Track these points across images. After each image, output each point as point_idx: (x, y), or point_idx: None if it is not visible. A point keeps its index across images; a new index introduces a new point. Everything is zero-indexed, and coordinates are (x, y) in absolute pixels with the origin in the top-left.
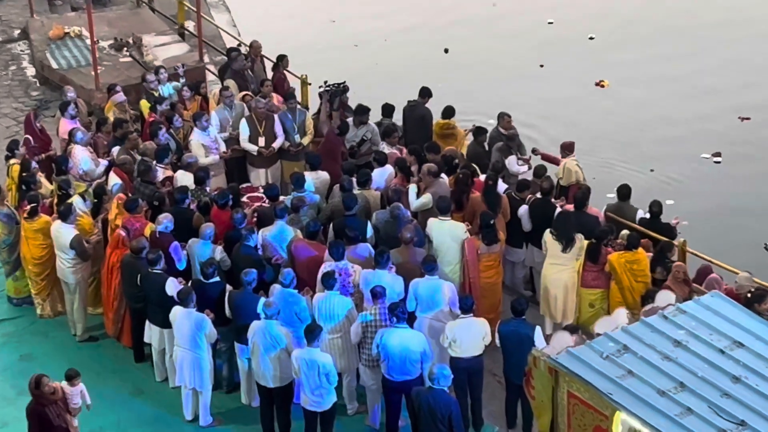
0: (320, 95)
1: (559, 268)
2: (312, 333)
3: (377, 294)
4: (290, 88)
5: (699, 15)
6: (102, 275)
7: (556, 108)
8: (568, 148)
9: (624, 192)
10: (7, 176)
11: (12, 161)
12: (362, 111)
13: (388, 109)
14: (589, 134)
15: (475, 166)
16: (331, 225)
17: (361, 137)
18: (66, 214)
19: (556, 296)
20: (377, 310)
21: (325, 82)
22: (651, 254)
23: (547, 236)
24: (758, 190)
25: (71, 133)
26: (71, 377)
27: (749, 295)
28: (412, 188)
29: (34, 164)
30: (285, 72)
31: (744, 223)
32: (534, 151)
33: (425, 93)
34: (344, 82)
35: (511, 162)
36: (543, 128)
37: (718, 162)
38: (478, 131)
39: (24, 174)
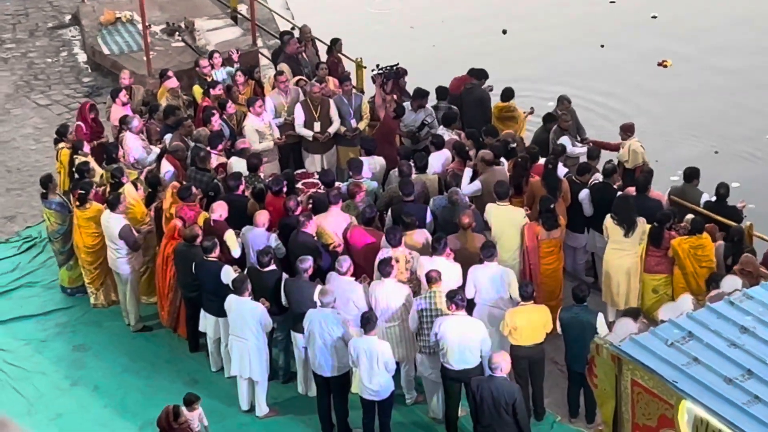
0: (373, 79)
1: (621, 253)
2: (369, 321)
3: (432, 279)
4: (345, 71)
5: None
6: (156, 266)
7: (617, 87)
8: (629, 130)
9: (690, 174)
10: (56, 160)
11: (61, 145)
12: (421, 95)
13: (442, 92)
14: (651, 115)
15: (536, 148)
16: (389, 211)
17: (422, 121)
18: (114, 203)
19: (618, 282)
20: (431, 296)
21: (377, 66)
22: (720, 242)
23: (608, 221)
24: None
25: (123, 120)
26: (191, 402)
27: None
28: (467, 172)
29: (86, 148)
30: (339, 55)
31: None
32: (584, 141)
33: (482, 75)
34: (397, 64)
35: (565, 142)
36: (606, 109)
37: None
38: (548, 118)
39: (75, 156)
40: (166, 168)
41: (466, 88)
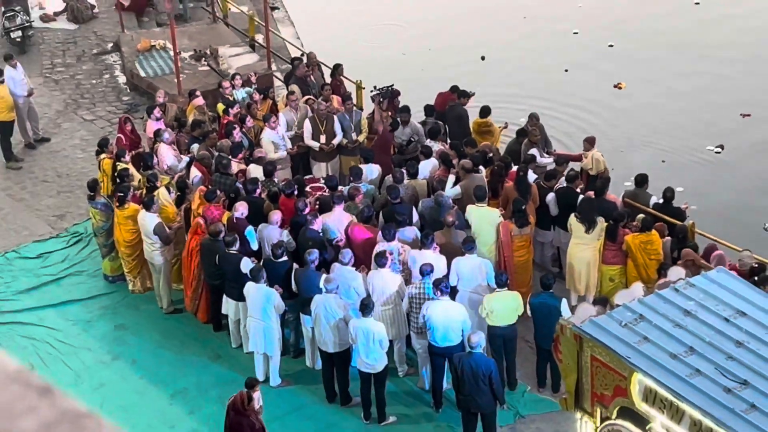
0: (372, 98)
1: (583, 247)
2: (366, 306)
3: (424, 272)
4: (346, 92)
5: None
6: (183, 258)
7: (579, 106)
8: (591, 142)
9: (640, 180)
10: (98, 170)
11: (102, 156)
12: (404, 110)
13: (429, 110)
14: (609, 130)
15: (509, 158)
16: (381, 213)
17: (409, 138)
18: (149, 204)
19: (580, 272)
20: (422, 284)
21: (375, 87)
22: (668, 238)
23: (572, 219)
24: (757, 177)
25: (157, 133)
26: (253, 385)
27: (754, 268)
28: (451, 178)
29: (127, 157)
30: (341, 78)
31: (745, 205)
32: (550, 152)
33: (461, 94)
34: (392, 85)
35: (534, 153)
36: (569, 125)
37: (719, 152)
38: (521, 132)
39: (117, 163)
40: (195, 173)
41: (449, 106)
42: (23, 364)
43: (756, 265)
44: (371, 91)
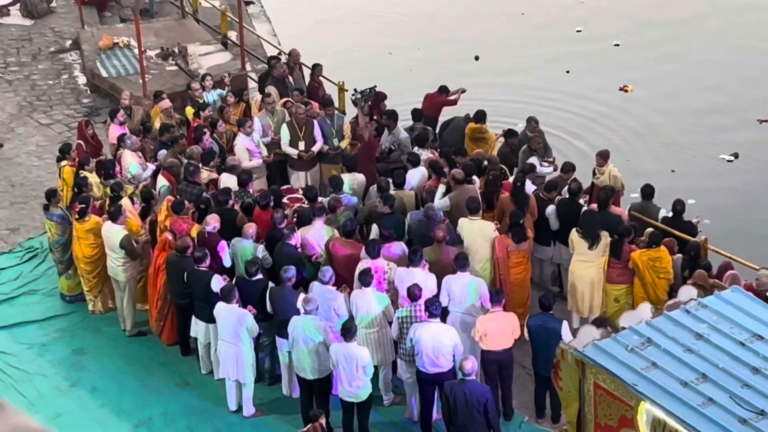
0: (354, 102)
1: (586, 264)
2: (349, 330)
3: (414, 296)
4: (325, 94)
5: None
6: (149, 274)
7: (582, 111)
8: (605, 157)
9: (647, 192)
10: (59, 178)
11: (63, 163)
12: (390, 115)
13: (416, 114)
14: (613, 136)
15: (504, 167)
16: (374, 225)
17: (389, 146)
18: (116, 215)
19: (582, 292)
20: (411, 307)
21: (356, 90)
22: (678, 255)
23: (574, 234)
24: None
25: (120, 138)
26: (317, 417)
27: None
28: (440, 189)
29: (90, 165)
30: (320, 79)
31: (763, 219)
32: (549, 162)
33: (445, 89)
34: (374, 87)
35: (534, 162)
36: (571, 131)
37: (731, 161)
38: (509, 134)
39: (80, 172)
40: (162, 182)
41: (449, 121)
42: None
43: None
44: (352, 95)
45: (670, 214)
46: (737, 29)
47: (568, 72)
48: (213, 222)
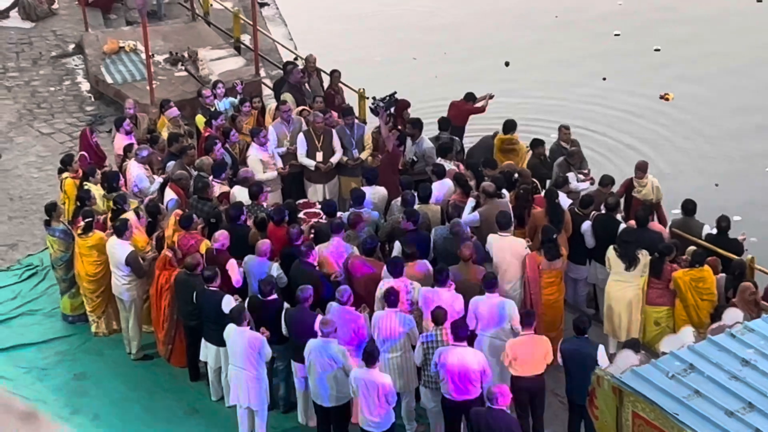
0: (375, 111)
1: (623, 285)
2: (371, 355)
3: (440, 318)
4: (343, 102)
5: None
6: (150, 296)
7: (619, 120)
8: (644, 169)
9: (689, 207)
10: (60, 190)
11: (65, 175)
12: (414, 124)
13: (443, 123)
14: (653, 149)
15: (535, 181)
16: (396, 242)
17: (412, 157)
18: (122, 229)
19: (620, 314)
20: (437, 330)
21: (374, 98)
22: (722, 274)
23: (611, 253)
24: None
25: (127, 149)
26: None
27: None
28: (470, 203)
29: (96, 176)
30: (339, 86)
31: None
32: (585, 176)
33: (471, 97)
34: (394, 93)
35: (571, 179)
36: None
37: None
38: (535, 143)
39: (85, 183)
40: (170, 196)
41: (482, 139)
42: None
43: None
44: (372, 103)
45: (715, 231)
46: None
47: (604, 79)
48: (222, 239)
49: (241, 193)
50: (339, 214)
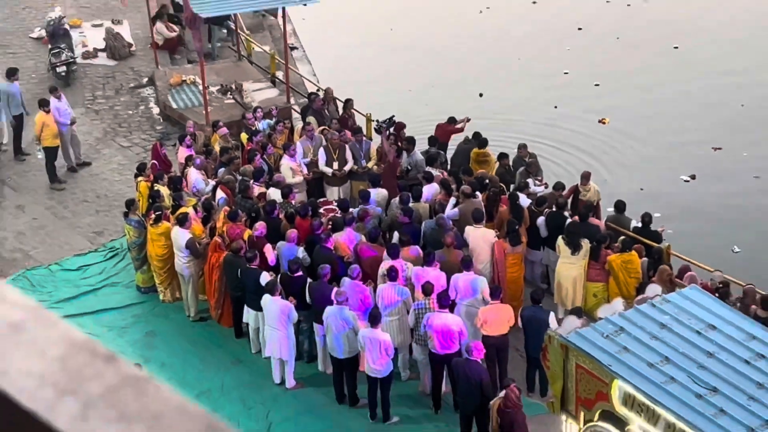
0: (377, 131)
1: (570, 266)
2: (375, 318)
3: (428, 290)
4: (355, 124)
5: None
6: (205, 271)
7: (568, 138)
8: (587, 177)
9: (620, 206)
10: (136, 191)
11: (139, 179)
12: (409, 140)
13: (432, 140)
14: (595, 160)
15: (502, 185)
16: (395, 232)
17: (407, 167)
18: (183, 221)
19: (567, 288)
20: (426, 299)
21: (377, 120)
22: (645, 258)
23: (560, 241)
24: (726, 204)
25: (188, 158)
26: (508, 384)
27: (718, 287)
28: (451, 201)
29: (164, 179)
30: (352, 111)
31: (716, 231)
32: (540, 182)
33: (453, 120)
34: (392, 116)
35: (530, 184)
36: (560, 153)
37: (688, 181)
38: (502, 156)
39: (155, 185)
40: (220, 195)
41: (460, 145)
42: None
43: (720, 285)
44: (375, 126)
45: (640, 225)
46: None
47: (555, 107)
48: (260, 228)
49: (275, 194)
50: (350, 210)
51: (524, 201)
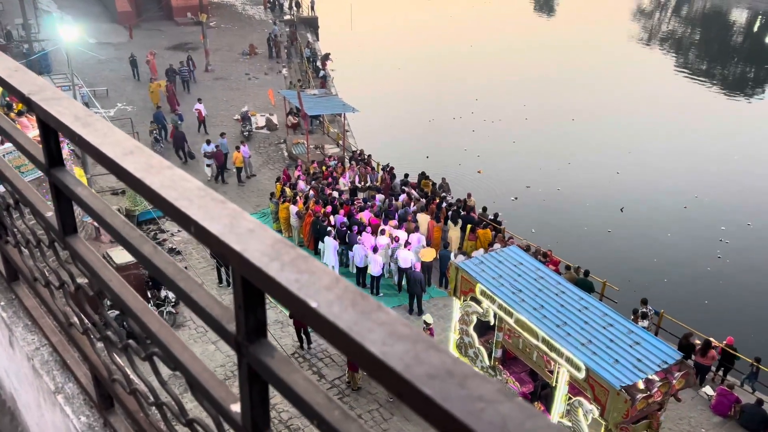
0: (383, 169)
1: (455, 231)
2: (376, 249)
3: (399, 239)
4: (371, 163)
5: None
6: (304, 226)
7: (463, 176)
8: (469, 195)
9: (485, 208)
10: (275, 188)
11: (276, 183)
12: (390, 172)
13: (423, 174)
14: (479, 190)
15: (436, 195)
16: (384, 214)
17: (393, 184)
18: (293, 202)
19: (455, 242)
20: (398, 245)
21: (378, 163)
22: (494, 231)
23: (451, 222)
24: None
25: (298, 177)
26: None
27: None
28: (411, 204)
29: (288, 184)
30: (371, 161)
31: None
32: (451, 197)
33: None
34: (387, 164)
35: (446, 196)
36: (461, 185)
37: (516, 199)
38: (424, 176)
39: (284, 186)
40: (311, 192)
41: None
42: None
43: (526, 248)
44: (381, 167)
45: (492, 216)
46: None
47: (465, 149)
48: (328, 209)
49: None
50: (366, 201)
51: (445, 203)
